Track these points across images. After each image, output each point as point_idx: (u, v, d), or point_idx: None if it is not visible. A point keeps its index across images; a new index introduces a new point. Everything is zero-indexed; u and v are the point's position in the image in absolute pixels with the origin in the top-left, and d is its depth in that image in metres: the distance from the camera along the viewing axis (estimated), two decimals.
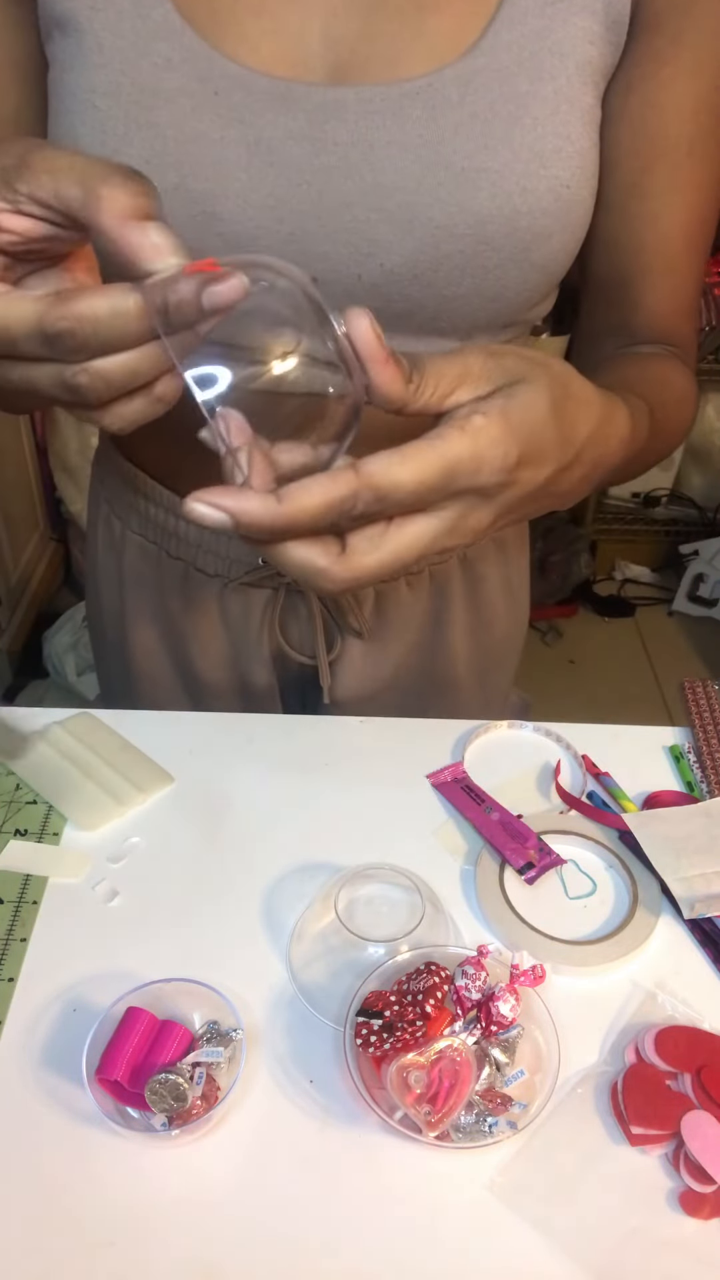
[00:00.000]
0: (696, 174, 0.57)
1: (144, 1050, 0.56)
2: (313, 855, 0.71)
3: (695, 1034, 0.59)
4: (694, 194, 0.58)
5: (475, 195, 0.53)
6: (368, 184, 0.53)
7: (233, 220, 0.53)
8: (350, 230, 0.54)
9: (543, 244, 0.56)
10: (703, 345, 2.21)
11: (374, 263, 0.55)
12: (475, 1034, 0.57)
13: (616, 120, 0.56)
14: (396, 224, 0.54)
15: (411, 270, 0.55)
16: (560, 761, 0.79)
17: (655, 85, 0.55)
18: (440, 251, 0.54)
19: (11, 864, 0.69)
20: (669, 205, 0.58)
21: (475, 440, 0.41)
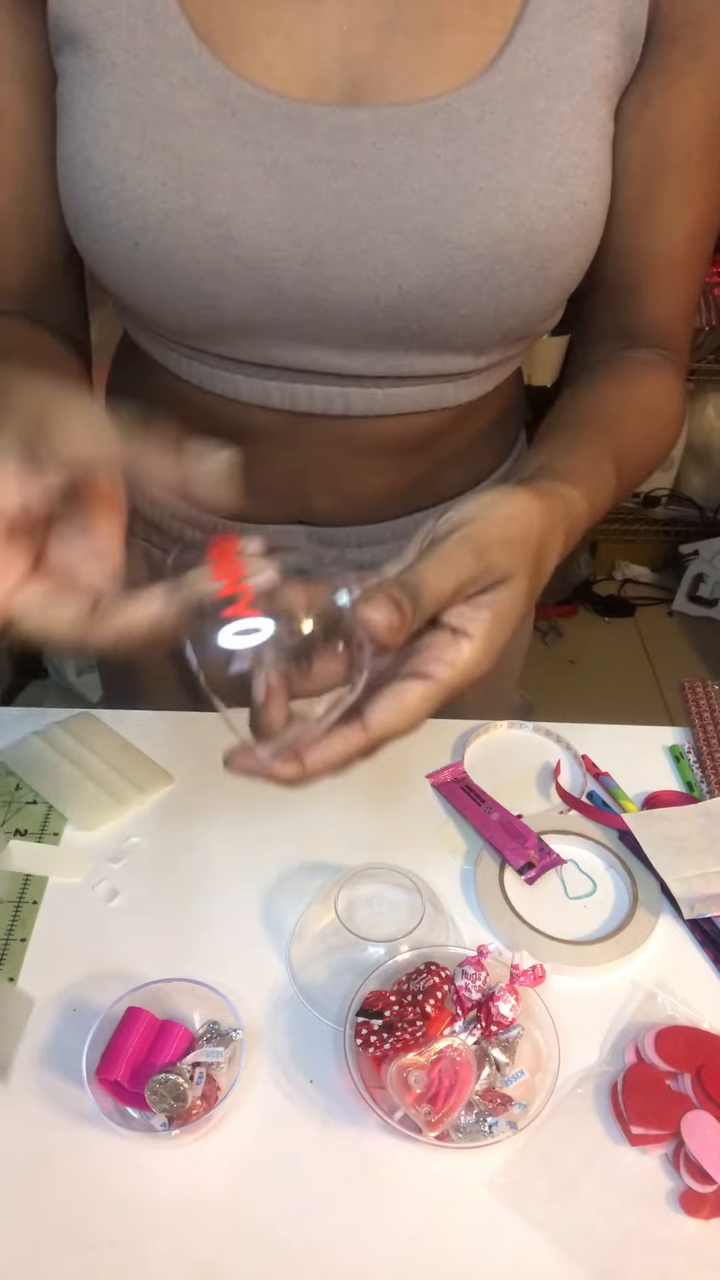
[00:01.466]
0: (705, 185, 0.58)
1: (144, 1050, 0.56)
2: (313, 855, 0.71)
3: (695, 1034, 0.59)
4: (703, 204, 0.59)
5: (494, 215, 0.53)
6: (385, 206, 0.53)
7: (249, 243, 0.53)
8: (368, 252, 0.54)
9: (559, 260, 0.56)
10: (703, 345, 2.21)
11: (391, 284, 0.54)
12: (475, 1034, 0.57)
13: (631, 131, 0.56)
14: (414, 245, 0.53)
15: (429, 291, 0.55)
16: (560, 761, 0.79)
17: (671, 98, 0.54)
18: (458, 272, 0.54)
19: (11, 864, 0.69)
20: (679, 215, 0.58)
21: (465, 671, 0.47)
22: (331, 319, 0.56)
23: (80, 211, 0.55)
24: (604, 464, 0.56)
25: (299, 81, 0.52)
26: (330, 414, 0.62)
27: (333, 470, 0.66)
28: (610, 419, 0.60)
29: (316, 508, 0.70)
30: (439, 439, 0.67)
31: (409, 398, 0.61)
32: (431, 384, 0.61)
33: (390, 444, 0.65)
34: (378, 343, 0.57)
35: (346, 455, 0.65)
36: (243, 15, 0.51)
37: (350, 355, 0.58)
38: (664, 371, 0.65)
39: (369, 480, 0.68)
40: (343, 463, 0.66)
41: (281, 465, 0.66)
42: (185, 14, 0.51)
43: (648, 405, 0.63)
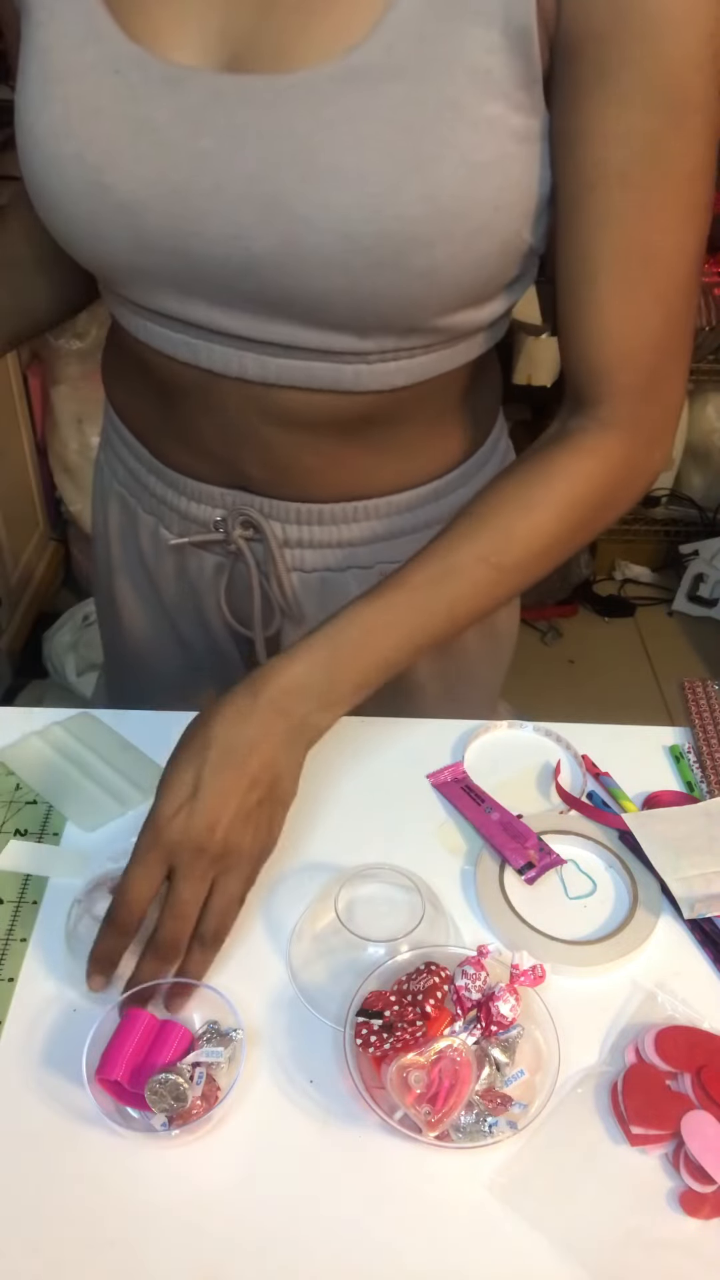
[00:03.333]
0: (631, 205, 0.55)
1: (144, 1050, 0.56)
2: (313, 855, 0.71)
3: (695, 1034, 0.59)
4: (630, 227, 0.56)
5: (339, 194, 0.54)
6: (238, 171, 0.55)
7: (121, 191, 0.58)
8: (218, 214, 0.56)
9: (422, 251, 0.56)
10: (703, 345, 2.21)
11: (240, 246, 0.57)
12: (475, 1034, 0.57)
13: (555, 146, 0.56)
14: (261, 212, 0.56)
15: (275, 259, 0.57)
16: (560, 761, 0.79)
17: (581, 114, 0.53)
18: (303, 244, 0.55)
19: (11, 864, 0.69)
20: (600, 239, 0.57)
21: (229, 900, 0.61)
22: (198, 273, 0.60)
23: (19, 157, 0.63)
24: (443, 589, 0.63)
25: (185, 49, 0.56)
26: (232, 375, 0.65)
27: (257, 438, 0.70)
28: (484, 529, 0.64)
29: (251, 475, 0.73)
30: (366, 427, 0.69)
31: (304, 371, 0.64)
32: (323, 361, 0.63)
33: (308, 420, 0.68)
34: (251, 307, 0.60)
35: (268, 425, 0.68)
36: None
37: (231, 315, 0.61)
38: (581, 449, 0.65)
39: (299, 456, 0.71)
40: (268, 432, 0.69)
41: (214, 425, 0.71)
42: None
43: (526, 523, 0.64)
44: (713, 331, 2.19)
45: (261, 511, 0.75)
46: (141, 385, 0.74)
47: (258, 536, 0.76)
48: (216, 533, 0.77)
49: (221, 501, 0.76)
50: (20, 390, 2.12)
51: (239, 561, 0.79)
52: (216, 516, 0.77)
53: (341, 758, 0.78)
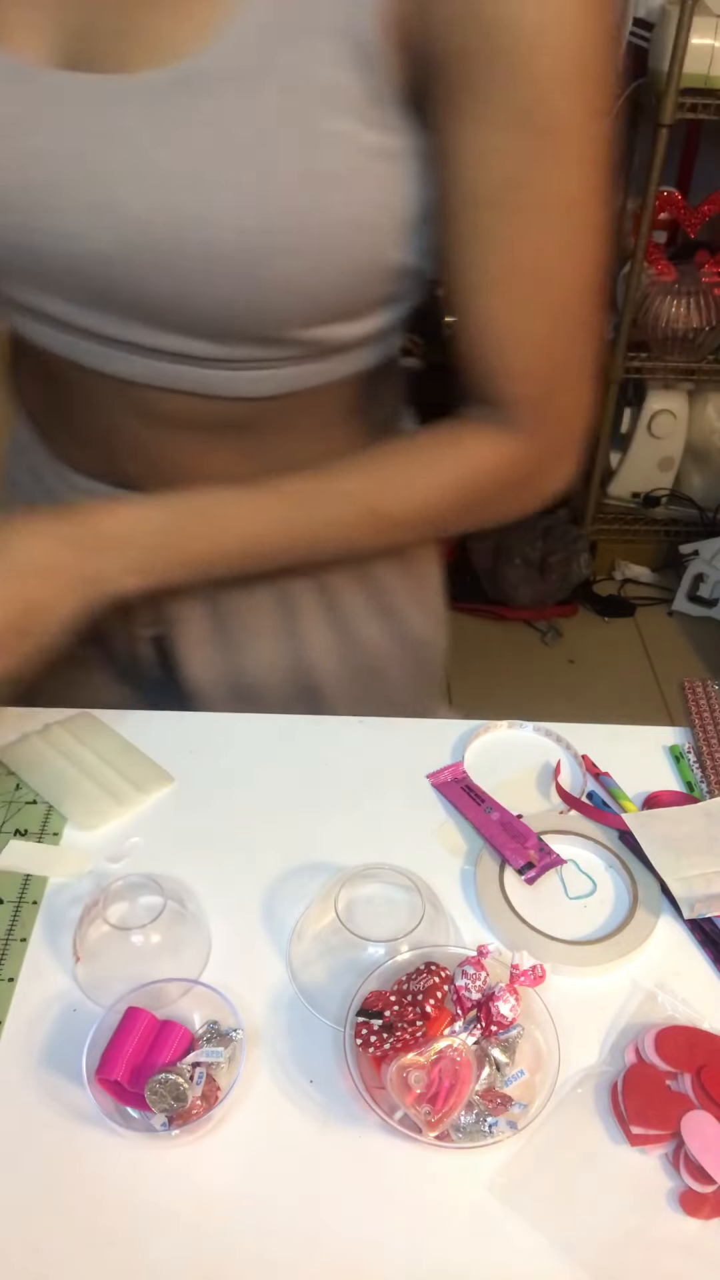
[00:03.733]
0: (510, 227, 0.54)
1: (144, 1050, 0.56)
2: (313, 855, 0.71)
3: (695, 1034, 0.59)
4: (511, 249, 0.55)
5: (170, 196, 0.53)
6: (71, 169, 0.55)
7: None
8: (55, 212, 0.56)
9: (265, 262, 0.55)
10: (703, 345, 2.21)
11: (79, 245, 0.56)
12: (475, 1034, 0.57)
13: (434, 164, 0.54)
14: (95, 212, 0.55)
15: (112, 259, 0.56)
16: (560, 761, 0.79)
17: (452, 134, 0.52)
18: (136, 246, 0.55)
19: (11, 864, 0.69)
20: (483, 258, 0.56)
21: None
22: (48, 270, 0.59)
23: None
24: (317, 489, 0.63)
25: (32, 47, 0.56)
26: (96, 370, 0.65)
27: (135, 435, 0.69)
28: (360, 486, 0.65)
29: (128, 471, 0.72)
30: (241, 431, 0.68)
31: (171, 374, 0.63)
32: (187, 365, 0.62)
33: (177, 420, 0.67)
34: (107, 306, 0.60)
35: (142, 424, 0.68)
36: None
37: (91, 314, 0.61)
38: (476, 434, 0.64)
39: (174, 455, 0.70)
40: (142, 431, 0.68)
41: (88, 417, 0.70)
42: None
43: (406, 481, 0.65)
44: (713, 331, 2.19)
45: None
46: (30, 375, 0.73)
47: None
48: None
49: (104, 495, 0.74)
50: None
51: None
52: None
53: (342, 758, 0.78)
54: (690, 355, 2.25)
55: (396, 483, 0.65)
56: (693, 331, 2.18)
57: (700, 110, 1.98)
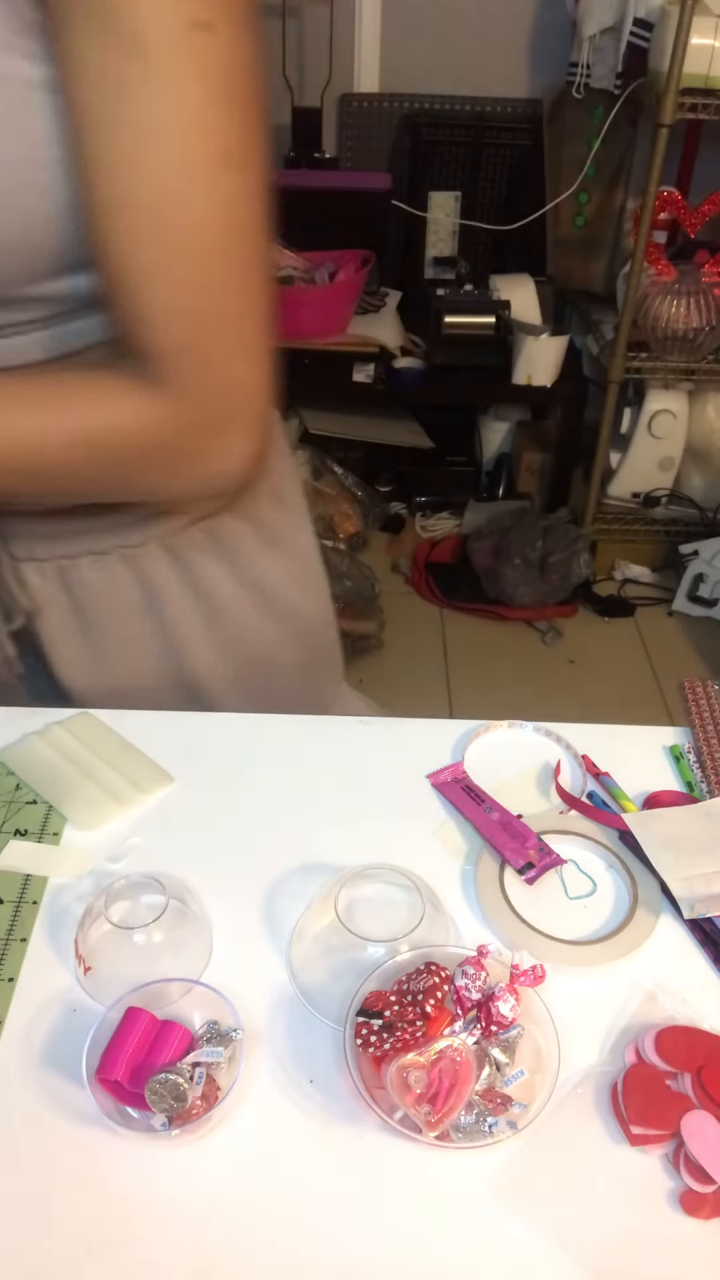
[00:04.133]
0: (110, 149, 0.51)
1: (144, 1050, 0.56)
2: (313, 855, 0.71)
3: (695, 1034, 0.59)
4: (114, 171, 0.51)
5: None
6: None
7: None
8: None
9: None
10: (703, 345, 2.20)
11: None
12: (475, 1034, 0.57)
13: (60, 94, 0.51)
14: None
15: None
16: (560, 761, 0.79)
17: (61, 57, 0.50)
18: None
19: (11, 864, 0.69)
20: (90, 185, 0.52)
21: None
22: None
23: None
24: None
25: None
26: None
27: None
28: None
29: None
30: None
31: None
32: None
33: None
34: None
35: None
36: None
37: None
38: (112, 383, 0.60)
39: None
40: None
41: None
42: None
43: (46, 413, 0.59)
44: (713, 331, 2.19)
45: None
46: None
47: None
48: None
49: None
50: None
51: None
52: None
53: (342, 758, 0.78)
54: (690, 355, 2.25)
55: (13, 424, 0.59)
56: (693, 331, 2.18)
57: (700, 110, 1.98)
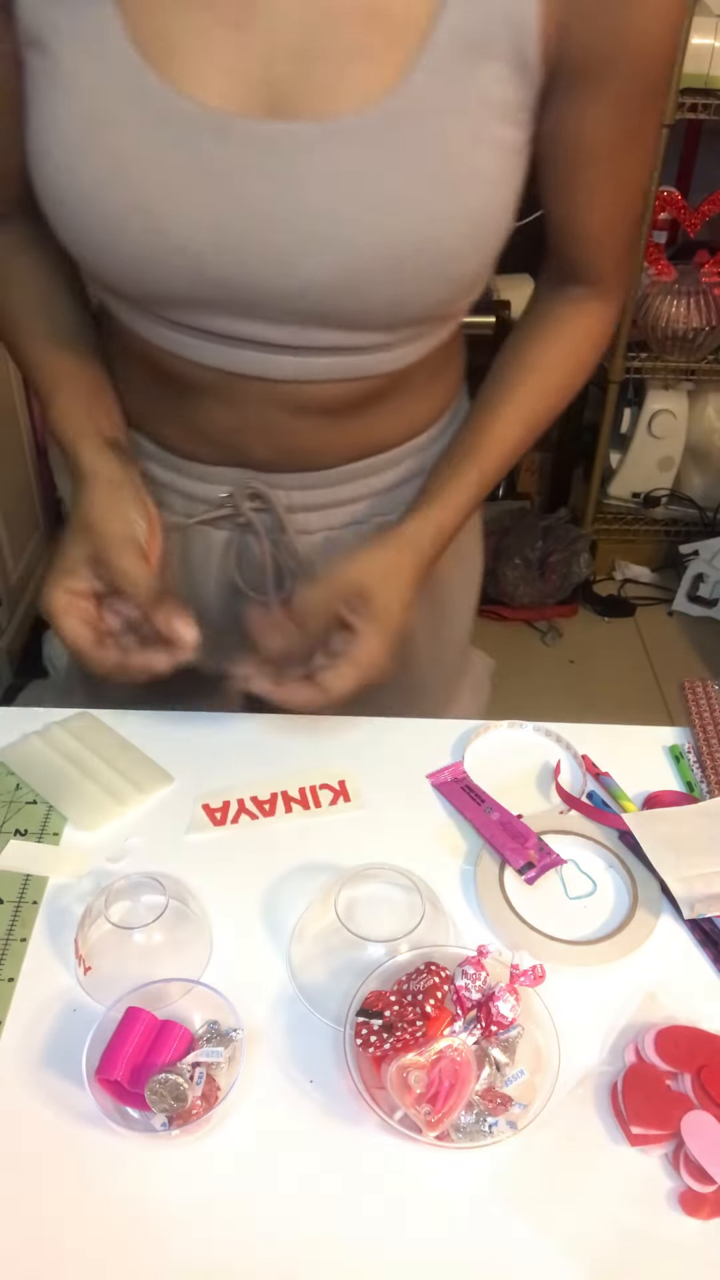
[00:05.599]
0: (620, 174, 0.69)
1: (144, 1050, 0.56)
2: (313, 855, 0.71)
3: (695, 1034, 0.59)
4: (616, 183, 0.70)
5: (390, 221, 0.61)
6: (294, 209, 0.60)
7: (178, 236, 0.62)
8: (278, 249, 0.61)
9: (455, 263, 0.64)
10: (703, 345, 2.21)
11: (300, 276, 0.62)
12: (475, 1034, 0.57)
13: (552, 135, 0.65)
14: (318, 244, 0.61)
15: (331, 284, 0.63)
16: (560, 761, 0.79)
17: (581, 115, 0.64)
18: (357, 269, 0.62)
19: (11, 864, 0.69)
20: (597, 195, 0.70)
21: (368, 648, 0.69)
22: (252, 299, 0.64)
23: (42, 189, 0.65)
24: (489, 455, 0.77)
25: (227, 96, 0.60)
26: (263, 377, 0.70)
27: (270, 426, 0.74)
28: (519, 395, 0.78)
29: (256, 458, 0.77)
30: (372, 400, 0.75)
31: (334, 366, 0.69)
32: (353, 355, 0.69)
33: (322, 406, 0.73)
34: (297, 319, 0.65)
35: (282, 414, 0.73)
36: (180, 38, 0.60)
37: (275, 328, 0.66)
38: (584, 310, 0.78)
39: (306, 437, 0.76)
40: (279, 420, 0.73)
41: (222, 418, 0.74)
42: (129, 34, 0.59)
43: (558, 362, 0.79)
44: (713, 331, 2.19)
45: (266, 483, 0.78)
46: (142, 379, 0.76)
47: (264, 506, 0.80)
48: (224, 508, 0.80)
49: (226, 478, 0.79)
50: (20, 391, 2.12)
51: (247, 533, 0.82)
52: (222, 493, 0.79)
53: (342, 757, 0.78)
54: (690, 355, 2.25)
55: (540, 393, 0.78)
56: (693, 331, 2.18)
57: (700, 110, 1.98)
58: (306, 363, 0.69)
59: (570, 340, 0.79)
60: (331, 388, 0.71)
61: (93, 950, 0.62)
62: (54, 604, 0.68)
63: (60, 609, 0.68)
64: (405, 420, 0.80)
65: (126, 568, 0.67)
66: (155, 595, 0.68)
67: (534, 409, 0.78)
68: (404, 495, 0.82)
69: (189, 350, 0.69)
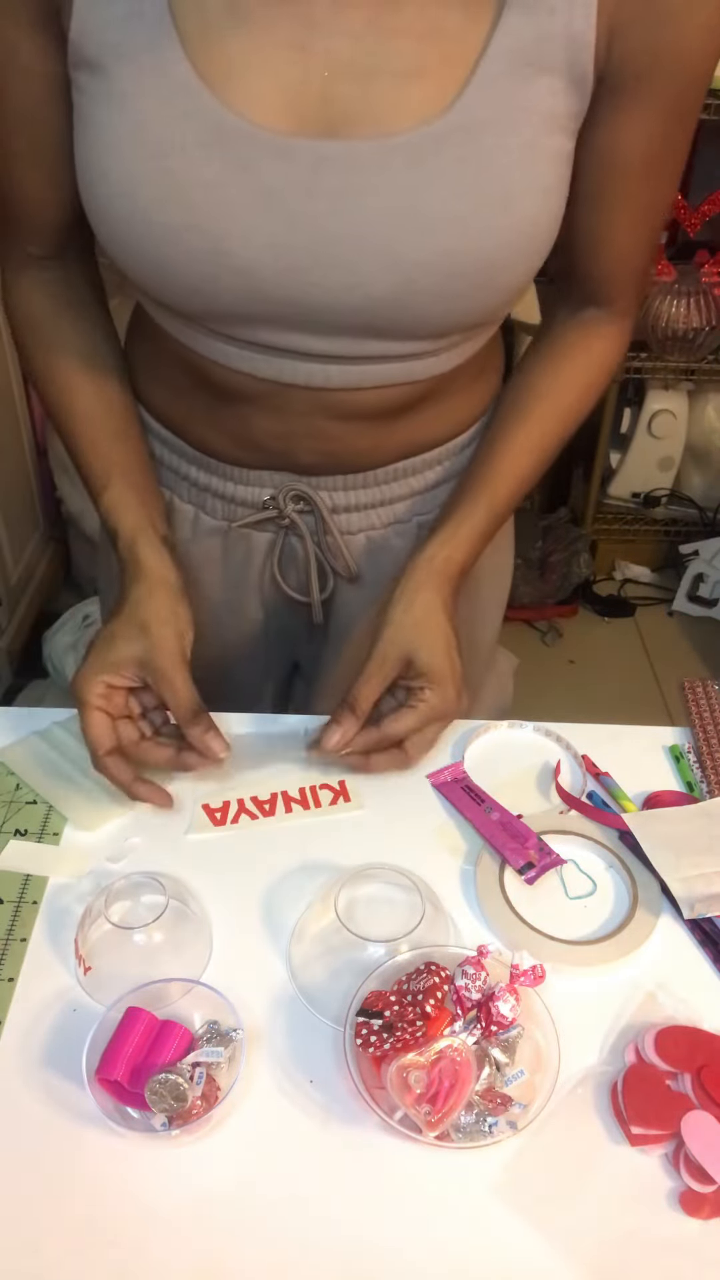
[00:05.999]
0: (649, 189, 0.70)
1: (144, 1050, 0.56)
2: (313, 855, 0.71)
3: (695, 1034, 0.59)
4: (645, 198, 0.70)
5: (448, 237, 0.61)
6: (354, 227, 0.61)
7: (239, 255, 0.62)
8: (339, 265, 0.62)
9: (507, 272, 0.65)
10: (703, 345, 2.20)
11: (360, 292, 0.63)
12: (475, 1034, 0.57)
13: (585, 146, 0.66)
14: (378, 261, 0.62)
15: (390, 298, 0.63)
16: (560, 761, 0.79)
17: (617, 126, 0.64)
18: (416, 285, 0.63)
19: (11, 864, 0.69)
20: (622, 208, 0.70)
21: (433, 704, 0.72)
22: (309, 315, 0.65)
23: (98, 212, 0.65)
24: (501, 484, 0.77)
25: (285, 117, 0.60)
26: (312, 386, 0.70)
27: (317, 432, 0.75)
28: (532, 421, 0.79)
29: (301, 462, 0.78)
30: (418, 403, 0.75)
31: (383, 373, 0.70)
32: (402, 362, 0.70)
33: (370, 411, 0.74)
34: (351, 332, 0.66)
35: (329, 420, 0.74)
36: (239, 59, 0.60)
37: (328, 340, 0.67)
38: (598, 334, 0.79)
39: (352, 441, 0.76)
40: (326, 426, 0.74)
41: (270, 425, 0.75)
42: (188, 56, 0.60)
43: (569, 388, 0.79)
44: (713, 331, 2.19)
45: (309, 485, 0.79)
46: (187, 386, 0.77)
47: (307, 508, 0.81)
48: (268, 510, 0.81)
49: (269, 481, 0.80)
50: (20, 390, 2.12)
51: (290, 535, 0.83)
52: (265, 496, 0.80)
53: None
54: (690, 355, 2.25)
55: (556, 417, 0.79)
56: (693, 331, 2.18)
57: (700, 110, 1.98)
58: (357, 371, 0.69)
59: (582, 367, 0.79)
60: (380, 393, 0.72)
61: (93, 950, 0.62)
62: (89, 693, 0.68)
63: (94, 700, 0.68)
64: (450, 420, 0.81)
65: (178, 688, 0.69)
66: (194, 712, 0.69)
67: (544, 436, 0.79)
68: (443, 495, 0.83)
69: (239, 361, 0.70)
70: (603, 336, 0.79)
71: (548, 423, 0.79)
